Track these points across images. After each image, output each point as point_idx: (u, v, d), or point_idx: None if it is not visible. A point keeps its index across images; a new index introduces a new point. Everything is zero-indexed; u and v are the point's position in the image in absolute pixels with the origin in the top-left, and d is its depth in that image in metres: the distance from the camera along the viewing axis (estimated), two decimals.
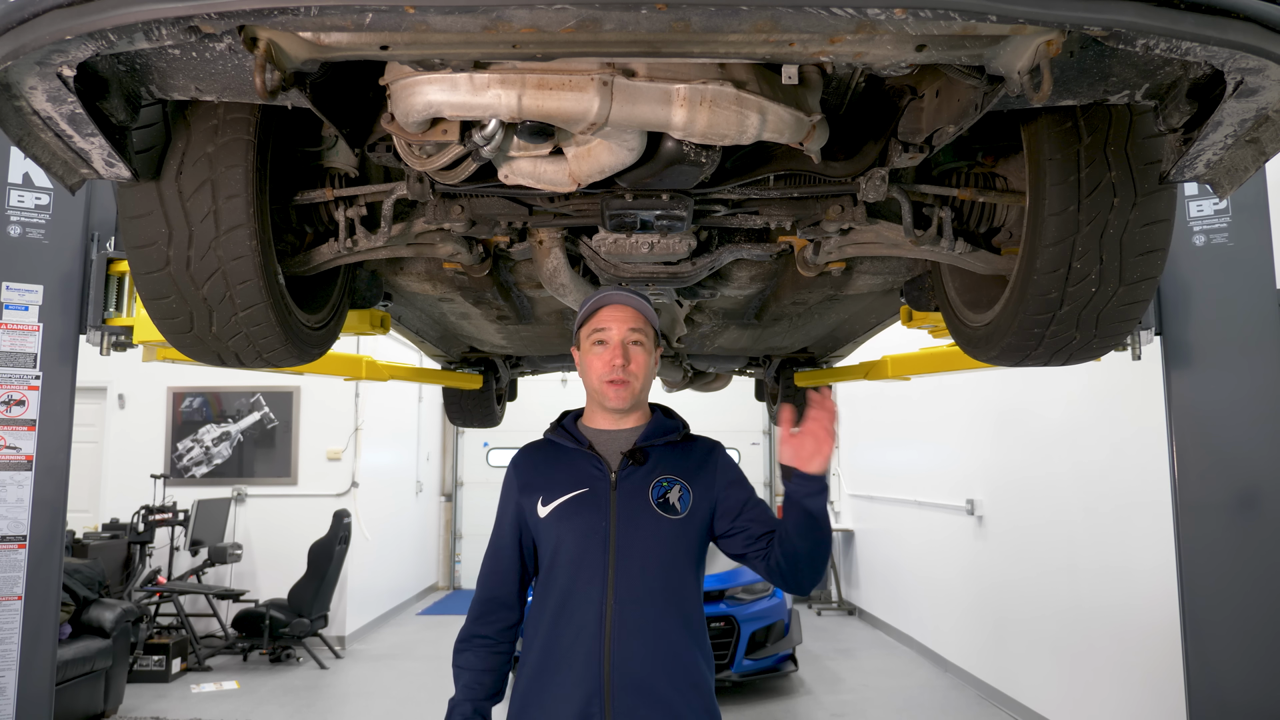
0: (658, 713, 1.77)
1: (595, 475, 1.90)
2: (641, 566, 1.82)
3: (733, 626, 6.36)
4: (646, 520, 1.85)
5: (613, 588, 1.80)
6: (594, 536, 1.83)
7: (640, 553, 1.83)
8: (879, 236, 2.24)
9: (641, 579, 1.82)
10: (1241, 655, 2.67)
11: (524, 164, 1.76)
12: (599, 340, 1.92)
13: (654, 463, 1.92)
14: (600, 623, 1.79)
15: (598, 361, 1.91)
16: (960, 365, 3.42)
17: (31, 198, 2.76)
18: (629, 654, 1.78)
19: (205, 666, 7.40)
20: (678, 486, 1.90)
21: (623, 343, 1.90)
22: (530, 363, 4.82)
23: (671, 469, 1.92)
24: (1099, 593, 5.02)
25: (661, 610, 1.82)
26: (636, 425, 1.97)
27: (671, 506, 1.88)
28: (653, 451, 1.93)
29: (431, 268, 2.72)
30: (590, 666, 1.77)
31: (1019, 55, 1.31)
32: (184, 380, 8.77)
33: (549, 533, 1.88)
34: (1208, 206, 2.77)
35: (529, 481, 1.95)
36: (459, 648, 1.95)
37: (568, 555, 1.85)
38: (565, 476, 1.92)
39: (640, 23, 1.16)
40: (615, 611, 1.79)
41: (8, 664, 2.66)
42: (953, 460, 7.23)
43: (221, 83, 1.45)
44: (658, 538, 1.85)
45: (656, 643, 1.80)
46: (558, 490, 1.90)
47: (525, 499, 1.93)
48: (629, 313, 1.93)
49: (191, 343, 2.03)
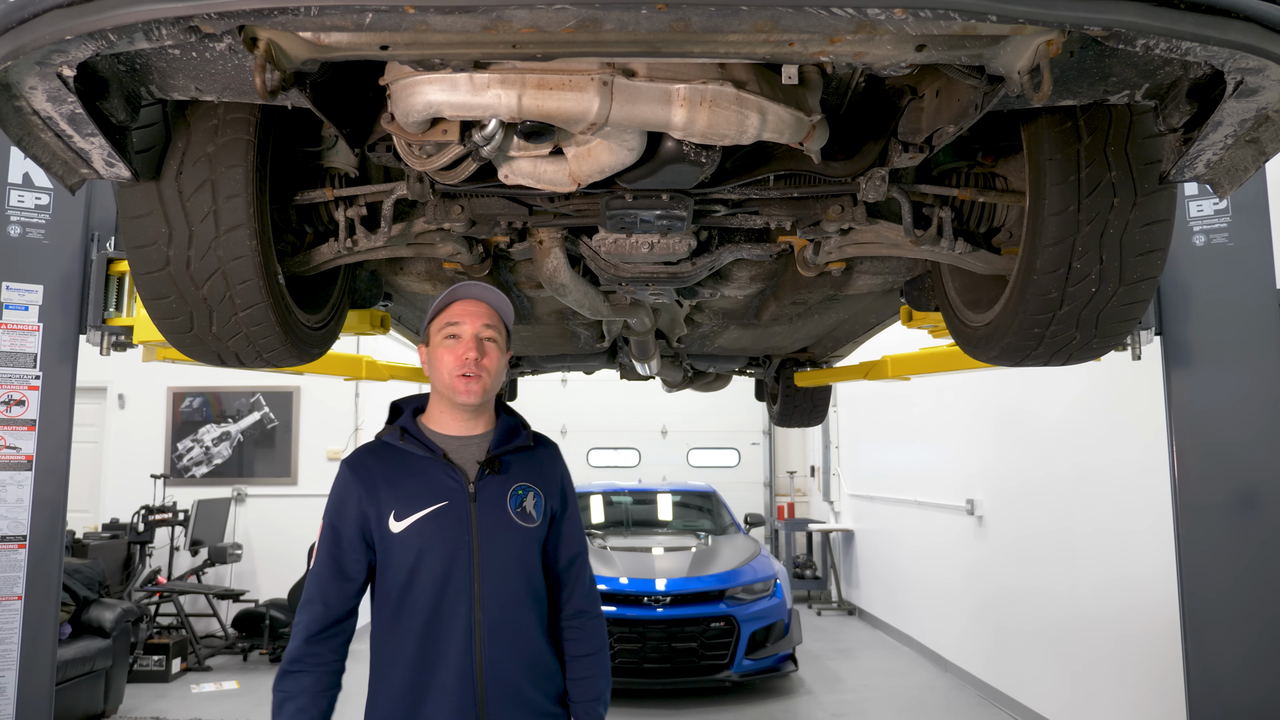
0: (524, 713, 1.82)
1: (453, 487, 1.85)
2: (505, 577, 1.84)
3: (733, 626, 6.36)
4: (507, 531, 1.86)
5: (479, 601, 1.81)
6: (459, 552, 1.82)
7: (503, 563, 1.84)
8: (879, 236, 2.23)
9: (506, 588, 1.84)
10: (1242, 655, 2.67)
11: (524, 164, 1.76)
12: (451, 334, 1.89)
13: (509, 470, 1.91)
14: (470, 635, 1.80)
15: (449, 355, 1.87)
16: (960, 365, 3.42)
17: (31, 198, 2.76)
18: (498, 662, 1.81)
19: (205, 666, 7.40)
20: (531, 494, 1.91)
21: (476, 337, 1.88)
22: (530, 363, 4.82)
23: (525, 475, 1.92)
24: (1099, 593, 5.02)
25: (525, 615, 1.86)
26: (486, 430, 1.94)
27: (528, 515, 1.90)
28: (504, 459, 1.92)
29: (431, 268, 2.71)
30: (464, 679, 1.79)
31: (1019, 55, 1.31)
32: (184, 380, 8.77)
33: (405, 548, 1.82)
34: (1208, 206, 2.77)
35: (374, 491, 1.85)
36: (289, 670, 1.79)
37: (431, 573, 1.81)
38: (419, 488, 1.85)
39: (640, 23, 1.16)
40: (484, 623, 1.81)
41: (8, 664, 2.66)
42: (953, 460, 7.23)
43: (221, 83, 1.45)
44: (518, 547, 1.87)
45: (521, 647, 1.85)
46: (413, 503, 1.83)
47: (371, 509, 1.84)
48: (483, 308, 1.92)
49: (191, 343, 2.03)
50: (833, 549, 10.74)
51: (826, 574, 10.89)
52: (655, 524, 8.54)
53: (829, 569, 10.81)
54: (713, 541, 7.47)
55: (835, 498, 10.81)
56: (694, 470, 11.91)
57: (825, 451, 11.03)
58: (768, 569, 6.87)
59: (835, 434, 10.77)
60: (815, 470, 11.65)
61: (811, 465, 11.84)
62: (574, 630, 1.97)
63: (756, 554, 7.08)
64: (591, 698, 1.94)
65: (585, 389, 11.36)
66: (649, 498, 8.90)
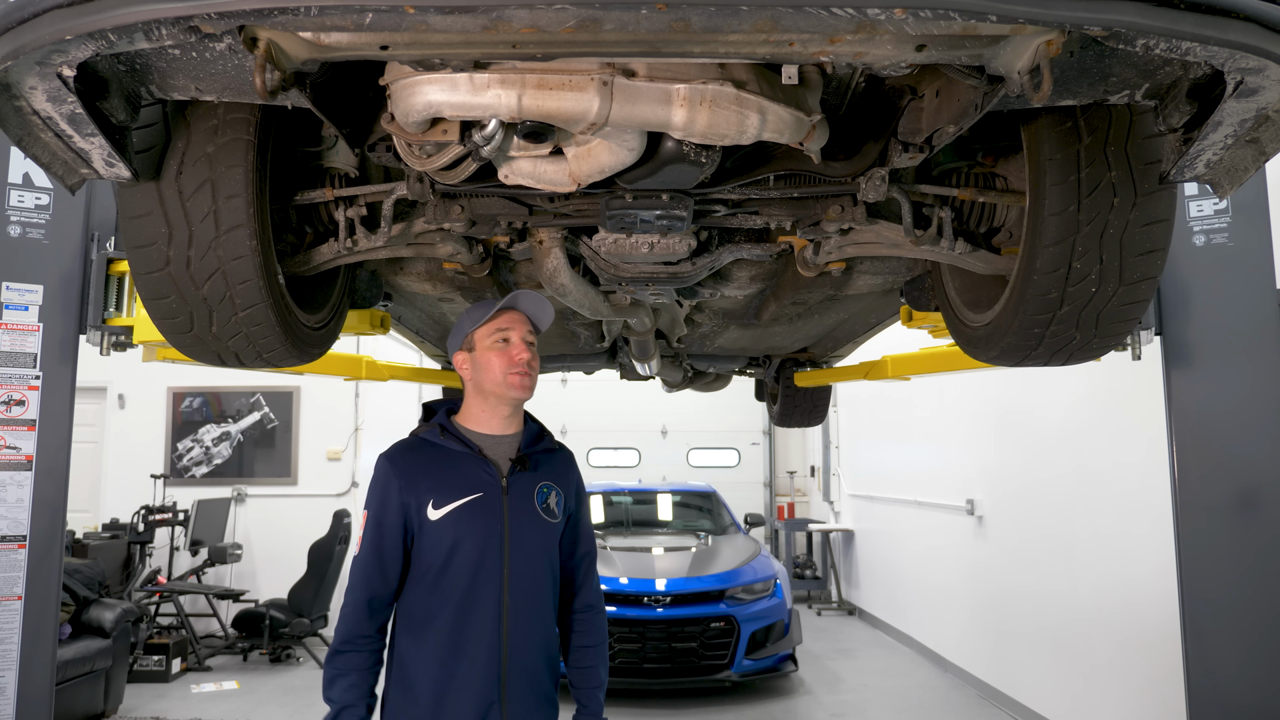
0: (534, 693, 2.02)
1: (487, 480, 2.03)
2: (529, 566, 2.03)
3: (733, 626, 6.36)
4: (533, 524, 2.05)
5: (508, 586, 1.99)
6: (492, 539, 1.99)
7: (529, 554, 2.03)
8: (879, 236, 2.23)
9: (530, 577, 2.03)
10: (1242, 655, 2.67)
11: (524, 164, 1.76)
12: (503, 339, 2.07)
13: (536, 469, 2.11)
14: (499, 618, 1.98)
15: (502, 358, 2.05)
16: (960, 365, 3.42)
17: (31, 198, 2.76)
18: (520, 644, 2.00)
19: (205, 666, 7.40)
20: (554, 492, 2.12)
21: (524, 340, 2.09)
22: None
23: (549, 475, 2.13)
24: (1099, 593, 5.02)
25: (543, 602, 2.06)
26: (516, 431, 2.13)
27: (552, 511, 2.10)
28: (534, 458, 2.11)
29: (431, 268, 2.71)
30: (492, 657, 1.96)
31: (1019, 55, 1.31)
32: (184, 380, 8.77)
33: (443, 535, 1.98)
34: (1208, 206, 2.77)
35: (413, 482, 2.00)
36: (342, 649, 1.96)
37: (466, 558, 1.98)
38: (457, 480, 2.02)
39: (640, 23, 1.16)
40: (510, 607, 1.99)
41: (8, 664, 2.66)
42: (953, 460, 7.23)
43: (221, 83, 1.45)
44: (541, 540, 2.07)
45: (539, 631, 2.05)
46: (450, 494, 2.00)
47: (411, 499, 1.99)
48: (523, 317, 2.13)
49: (191, 343, 2.03)
50: (833, 549, 10.74)
51: (826, 574, 10.89)
52: (655, 524, 8.54)
53: (829, 569, 10.81)
54: (713, 541, 7.47)
55: (835, 498, 10.81)
56: (694, 470, 11.91)
57: (825, 451, 11.04)
58: (768, 569, 6.87)
59: (835, 434, 10.77)
60: (815, 470, 11.66)
61: (811, 465, 11.85)
62: (582, 622, 2.17)
63: (756, 554, 7.08)
64: (595, 685, 2.15)
65: (585, 389, 11.36)
66: (649, 498, 8.90)
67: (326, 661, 1.97)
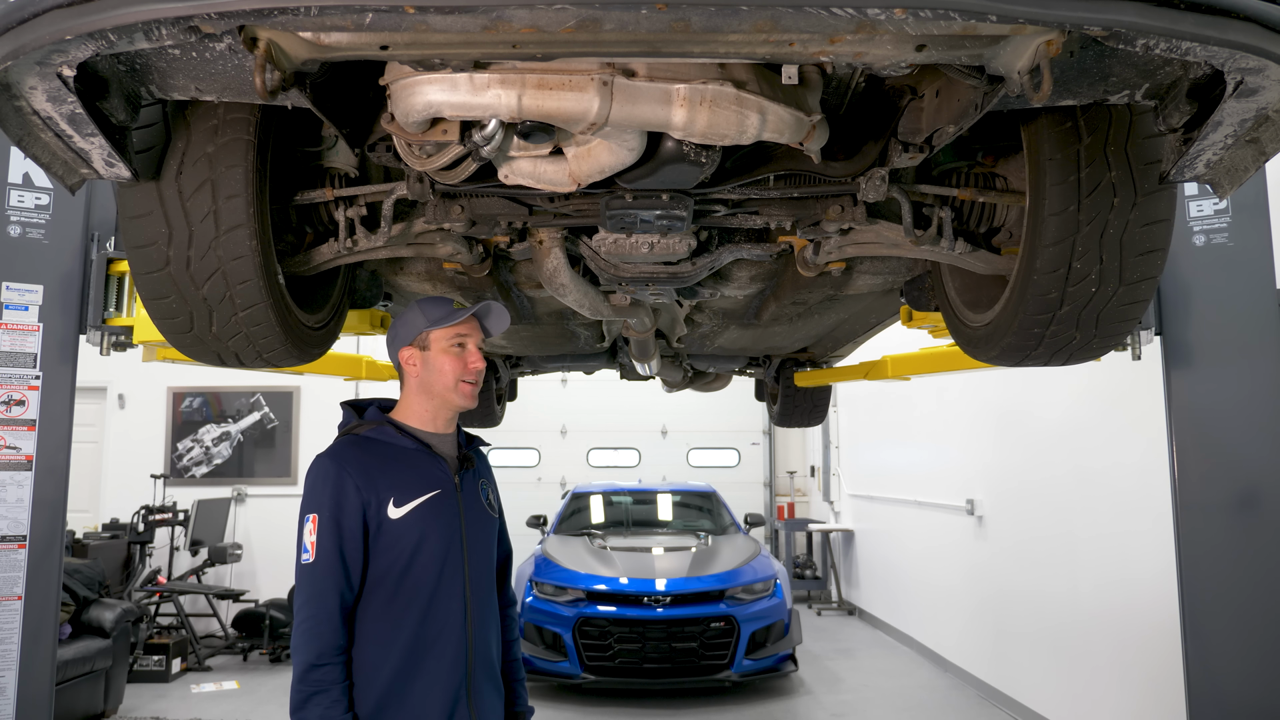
0: (490, 683, 2.05)
1: (442, 478, 2.02)
2: (484, 561, 2.07)
3: (733, 626, 6.36)
4: (484, 520, 2.10)
5: (469, 581, 2.01)
6: (454, 536, 1.99)
7: (482, 548, 2.07)
8: (879, 236, 2.23)
9: (485, 571, 2.07)
10: (1242, 655, 2.67)
11: (524, 164, 1.76)
12: (459, 344, 2.04)
13: (476, 467, 2.14)
14: (464, 613, 1.98)
15: (456, 363, 2.03)
16: (960, 365, 3.42)
17: (31, 198, 2.76)
18: (481, 637, 2.02)
19: (205, 666, 7.40)
20: (491, 489, 2.18)
21: (478, 348, 2.09)
22: (530, 363, 4.82)
23: (484, 473, 2.17)
24: (1099, 593, 5.02)
25: (493, 595, 2.11)
26: (452, 431, 2.12)
27: (493, 507, 2.16)
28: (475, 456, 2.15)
29: (431, 268, 2.71)
30: (459, 652, 1.97)
31: (1019, 55, 1.31)
32: (184, 380, 8.77)
33: (405, 533, 1.92)
34: (1208, 206, 2.77)
35: (370, 480, 1.91)
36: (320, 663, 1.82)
37: (431, 555, 1.95)
38: (414, 477, 1.97)
39: (640, 23, 1.16)
40: (472, 602, 2.01)
41: (8, 664, 2.66)
42: (953, 460, 7.23)
43: (221, 83, 1.45)
44: (489, 534, 2.12)
45: (493, 626, 2.09)
46: (410, 491, 1.95)
47: (371, 496, 1.90)
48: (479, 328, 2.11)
49: (191, 343, 2.04)
50: (833, 549, 10.74)
51: (826, 574, 10.89)
52: (655, 524, 8.54)
53: (829, 569, 10.80)
54: (713, 541, 7.47)
55: (835, 498, 10.81)
56: (694, 470, 11.90)
57: (825, 451, 11.03)
58: (768, 569, 6.87)
59: (835, 434, 10.77)
60: (815, 470, 11.65)
61: (811, 465, 11.84)
62: (506, 618, 2.22)
63: (756, 554, 7.08)
64: (520, 678, 2.24)
65: (585, 389, 11.35)
66: (649, 498, 8.89)
67: (298, 680, 1.82)
